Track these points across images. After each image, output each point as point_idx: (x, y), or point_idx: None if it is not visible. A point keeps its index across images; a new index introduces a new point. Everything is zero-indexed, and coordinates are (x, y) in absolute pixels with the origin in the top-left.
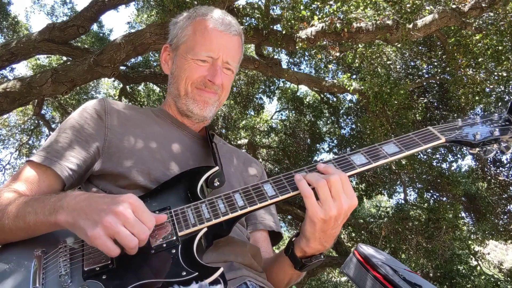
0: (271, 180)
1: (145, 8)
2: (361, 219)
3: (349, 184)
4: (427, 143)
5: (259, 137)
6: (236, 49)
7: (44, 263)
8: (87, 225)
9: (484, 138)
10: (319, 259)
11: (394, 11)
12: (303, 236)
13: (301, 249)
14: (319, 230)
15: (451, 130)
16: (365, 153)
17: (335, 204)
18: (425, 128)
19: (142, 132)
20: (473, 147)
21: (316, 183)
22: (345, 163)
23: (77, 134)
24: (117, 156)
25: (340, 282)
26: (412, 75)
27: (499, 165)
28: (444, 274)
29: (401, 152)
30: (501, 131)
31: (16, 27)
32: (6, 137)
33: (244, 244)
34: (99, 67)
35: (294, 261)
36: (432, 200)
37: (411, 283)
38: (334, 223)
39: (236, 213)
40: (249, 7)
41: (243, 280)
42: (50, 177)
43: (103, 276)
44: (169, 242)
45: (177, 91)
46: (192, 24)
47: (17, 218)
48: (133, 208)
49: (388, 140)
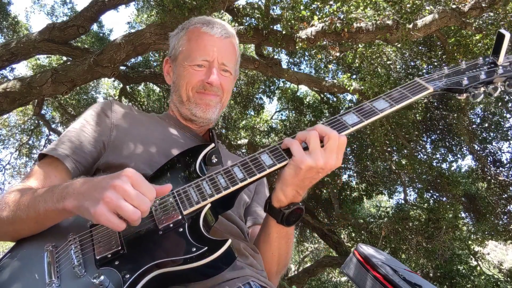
0: (267, 150)
1: (145, 8)
2: (361, 219)
3: (344, 149)
4: (416, 94)
5: (259, 137)
6: (230, 50)
7: (56, 257)
8: (90, 204)
9: (471, 82)
10: (297, 206)
11: (394, 11)
12: (280, 182)
13: (277, 199)
14: (300, 177)
15: (438, 78)
16: (356, 112)
17: (324, 156)
18: (412, 80)
19: (146, 130)
20: (461, 93)
21: (308, 133)
22: (339, 124)
23: (85, 130)
24: (120, 148)
25: (340, 282)
26: (412, 75)
27: (499, 165)
28: (444, 274)
29: (391, 107)
30: (487, 74)
31: (16, 27)
32: (6, 137)
33: (244, 243)
34: (99, 67)
35: (274, 213)
36: (432, 200)
37: (411, 283)
38: (315, 174)
39: (237, 185)
40: (249, 7)
41: (246, 280)
42: (58, 169)
43: (115, 262)
44: (176, 221)
45: (179, 98)
46: (186, 34)
47: (28, 208)
48: (132, 181)
49: (378, 96)
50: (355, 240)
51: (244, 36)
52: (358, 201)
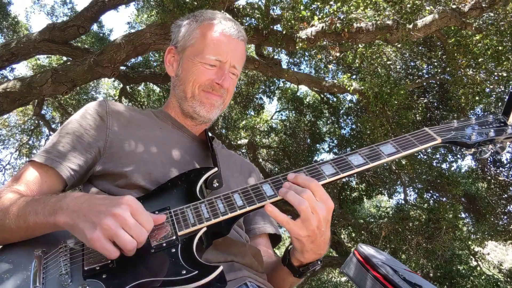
0: (270, 181)
1: (145, 8)
2: (361, 219)
3: (322, 190)
4: (423, 144)
5: (259, 137)
6: (242, 54)
7: (44, 263)
8: (86, 227)
9: (479, 139)
10: (316, 265)
11: (394, 11)
12: (296, 251)
13: (297, 260)
14: (308, 244)
15: (447, 130)
16: (362, 153)
17: (314, 217)
18: (421, 129)
19: (143, 134)
20: (468, 147)
21: (299, 206)
22: (343, 163)
23: (79, 135)
24: (118, 156)
25: (340, 282)
26: (412, 75)
27: (499, 165)
28: (444, 274)
29: (398, 153)
30: (496, 132)
31: (16, 27)
32: (6, 137)
33: (244, 244)
34: (99, 67)
35: (292, 270)
36: (432, 200)
37: (411, 283)
38: (319, 232)
39: (235, 212)
40: (249, 7)
41: (243, 281)
42: (51, 177)
43: (103, 275)
44: (169, 241)
45: (183, 93)
46: (200, 27)
47: (18, 218)
48: (132, 210)
49: (386, 141)
50: (355, 240)
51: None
52: (358, 201)
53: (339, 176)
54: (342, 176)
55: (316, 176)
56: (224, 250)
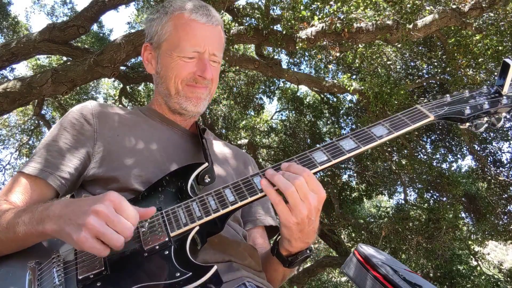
0: (261, 173)
1: (145, 8)
2: (361, 219)
3: (314, 180)
4: (416, 122)
5: (259, 137)
6: (220, 39)
7: (38, 274)
8: (72, 230)
9: (474, 112)
10: (305, 255)
11: (394, 11)
12: (284, 239)
13: (286, 249)
14: (296, 232)
15: (439, 106)
16: (353, 137)
17: (304, 205)
18: (413, 107)
19: (132, 134)
20: (463, 122)
21: (286, 190)
22: (336, 150)
23: (66, 141)
24: (108, 160)
25: (340, 282)
26: (412, 75)
27: (499, 165)
28: (444, 274)
29: (390, 134)
30: (491, 103)
31: (16, 27)
32: (6, 137)
33: (240, 244)
34: (99, 67)
35: (281, 260)
36: (432, 200)
37: (411, 283)
38: (308, 221)
39: (227, 209)
40: (249, 7)
41: (241, 281)
42: (41, 188)
43: (97, 283)
44: (162, 243)
45: (167, 90)
46: (171, 19)
47: (7, 230)
48: (115, 205)
49: (377, 122)
50: (355, 240)
51: (244, 36)
52: (358, 201)
53: (331, 163)
54: (334, 163)
55: (308, 165)
56: (222, 249)
